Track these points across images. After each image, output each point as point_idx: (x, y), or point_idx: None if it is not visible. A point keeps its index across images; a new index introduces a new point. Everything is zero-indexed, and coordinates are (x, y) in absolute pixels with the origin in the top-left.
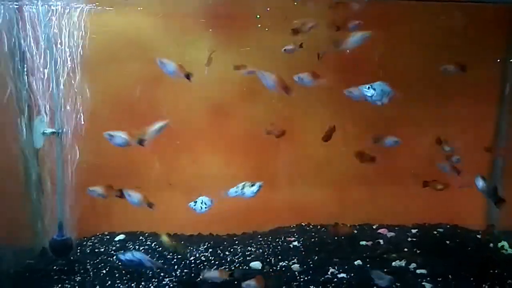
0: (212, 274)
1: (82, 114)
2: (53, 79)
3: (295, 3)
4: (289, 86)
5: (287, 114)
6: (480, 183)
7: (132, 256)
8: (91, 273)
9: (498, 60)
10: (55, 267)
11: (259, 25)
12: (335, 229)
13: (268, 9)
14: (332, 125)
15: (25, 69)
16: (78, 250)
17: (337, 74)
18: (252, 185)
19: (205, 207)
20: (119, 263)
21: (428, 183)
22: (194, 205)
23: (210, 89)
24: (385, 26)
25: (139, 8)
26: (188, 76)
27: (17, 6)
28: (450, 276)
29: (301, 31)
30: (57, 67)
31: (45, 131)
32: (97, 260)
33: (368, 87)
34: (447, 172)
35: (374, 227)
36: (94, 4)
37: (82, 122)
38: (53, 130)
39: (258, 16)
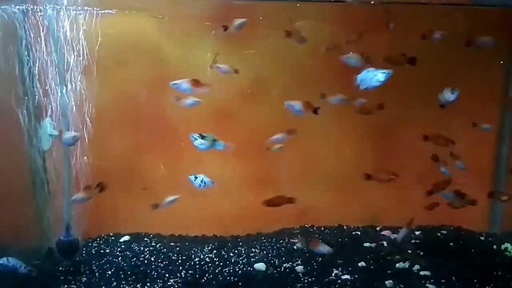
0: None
1: (89, 117)
2: (61, 82)
3: (298, 5)
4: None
5: (290, 116)
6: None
7: (6, 261)
8: (96, 274)
9: (501, 62)
10: (61, 268)
11: (261, 27)
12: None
13: (271, 10)
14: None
15: (33, 72)
16: (84, 251)
17: (339, 77)
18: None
19: (203, 186)
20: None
21: (493, 194)
22: (194, 179)
23: (214, 91)
24: (386, 28)
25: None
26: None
27: (25, 10)
28: (453, 278)
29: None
30: (64, 70)
31: (52, 133)
32: (103, 261)
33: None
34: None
35: (377, 228)
36: (99, 8)
37: (89, 124)
38: None
39: (260, 18)
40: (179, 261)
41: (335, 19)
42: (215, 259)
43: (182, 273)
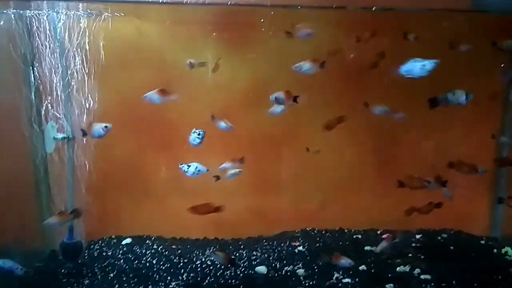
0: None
1: (92, 120)
2: (64, 85)
3: (299, 7)
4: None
5: (292, 120)
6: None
7: (2, 263)
8: (99, 276)
9: (502, 65)
10: (63, 270)
11: (263, 29)
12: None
13: (272, 13)
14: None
15: (37, 75)
16: (86, 254)
17: (342, 80)
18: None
19: (197, 174)
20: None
21: (502, 200)
22: (188, 168)
23: (216, 95)
24: (390, 33)
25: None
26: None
27: (28, 13)
28: (454, 281)
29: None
30: (68, 73)
31: (56, 136)
32: (105, 264)
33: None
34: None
35: (378, 232)
36: (102, 12)
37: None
38: (64, 136)
39: (262, 20)
40: (181, 264)
41: (337, 23)
42: (216, 262)
43: (184, 276)
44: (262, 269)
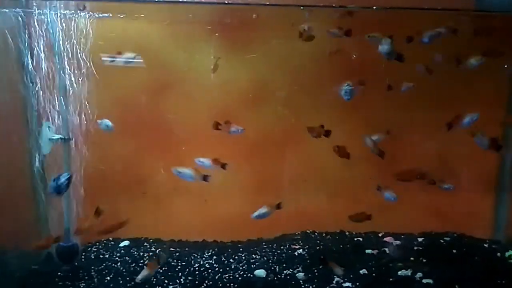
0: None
1: (89, 121)
2: (61, 86)
3: (302, 8)
4: None
5: (292, 121)
6: (385, 46)
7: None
8: (95, 279)
9: (506, 66)
10: (59, 273)
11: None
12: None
13: (273, 12)
14: None
15: (33, 75)
16: (83, 256)
17: (343, 79)
18: None
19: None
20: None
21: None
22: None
23: (216, 96)
24: (391, 31)
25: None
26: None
27: (24, 12)
28: (456, 286)
29: None
30: (64, 73)
31: (52, 137)
32: (102, 266)
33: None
34: None
35: (380, 235)
36: (100, 12)
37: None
38: (61, 137)
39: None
40: (179, 267)
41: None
42: (215, 265)
43: (182, 279)
44: (261, 272)
